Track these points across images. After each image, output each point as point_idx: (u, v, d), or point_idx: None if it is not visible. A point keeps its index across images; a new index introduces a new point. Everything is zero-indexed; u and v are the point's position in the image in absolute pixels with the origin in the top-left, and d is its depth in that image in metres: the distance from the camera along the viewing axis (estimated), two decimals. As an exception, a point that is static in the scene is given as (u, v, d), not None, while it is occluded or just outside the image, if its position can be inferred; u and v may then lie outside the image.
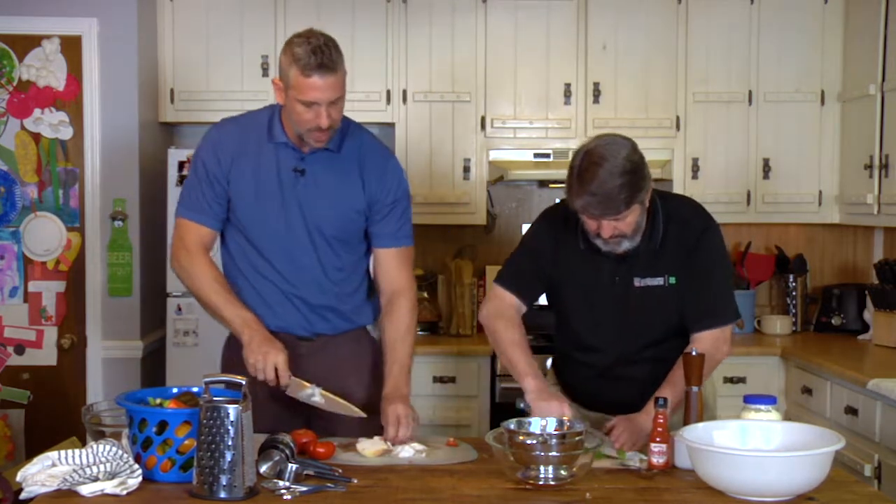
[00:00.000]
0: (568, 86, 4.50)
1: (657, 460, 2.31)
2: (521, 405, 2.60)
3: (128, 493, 2.09)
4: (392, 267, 2.76)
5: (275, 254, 2.69)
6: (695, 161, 4.53)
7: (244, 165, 2.67)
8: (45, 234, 4.19)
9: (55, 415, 4.17)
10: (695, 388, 2.38)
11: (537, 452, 2.21)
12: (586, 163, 2.44)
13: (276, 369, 2.54)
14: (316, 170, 2.67)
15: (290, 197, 2.66)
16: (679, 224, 2.61)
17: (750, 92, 4.52)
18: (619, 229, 2.49)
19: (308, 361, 2.72)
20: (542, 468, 2.19)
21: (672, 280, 2.60)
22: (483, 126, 4.51)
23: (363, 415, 2.58)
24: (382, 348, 2.75)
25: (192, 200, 2.69)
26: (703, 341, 2.57)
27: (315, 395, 2.57)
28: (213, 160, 2.67)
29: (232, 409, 2.06)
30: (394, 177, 2.75)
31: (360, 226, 2.75)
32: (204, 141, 2.73)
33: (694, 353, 2.39)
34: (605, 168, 2.41)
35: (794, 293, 4.70)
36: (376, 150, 2.77)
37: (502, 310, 2.74)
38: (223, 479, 2.06)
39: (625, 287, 2.61)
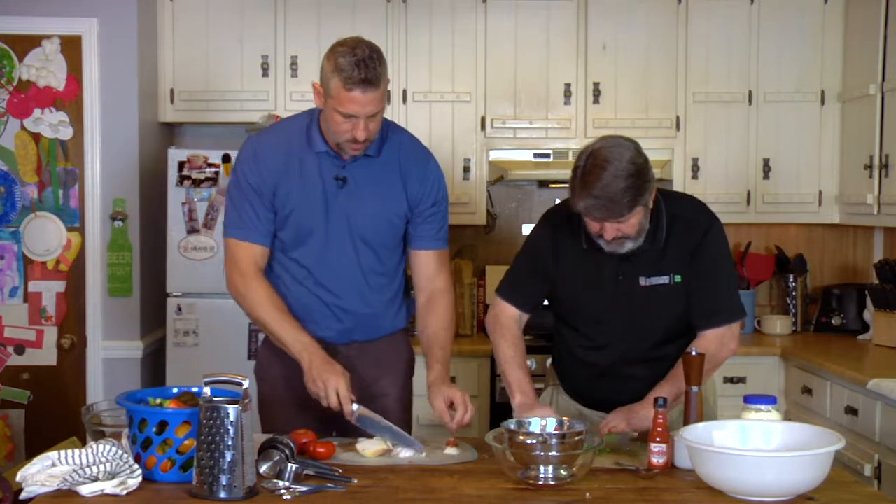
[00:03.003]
0: (568, 86, 4.50)
1: (657, 460, 2.31)
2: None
3: (128, 493, 2.09)
4: (432, 268, 2.76)
5: (319, 266, 2.67)
6: (695, 161, 4.53)
7: (288, 178, 2.63)
8: (45, 234, 4.19)
9: (55, 415, 4.17)
10: (695, 389, 2.38)
11: (537, 452, 2.21)
12: (590, 165, 2.44)
13: (338, 394, 2.51)
14: (358, 177, 2.64)
15: (334, 206, 2.64)
16: (683, 223, 2.62)
17: (750, 92, 4.53)
18: (622, 231, 2.49)
19: (344, 364, 2.71)
20: (541, 468, 2.19)
21: (677, 278, 2.60)
22: (483, 126, 4.51)
23: (421, 446, 2.49)
24: (422, 344, 2.74)
25: (241, 218, 2.64)
26: (710, 339, 2.59)
27: (380, 429, 2.54)
28: (256, 175, 2.62)
29: (232, 409, 2.07)
30: (434, 179, 2.74)
31: (402, 230, 2.74)
32: (244, 156, 2.67)
33: (694, 353, 2.39)
34: (609, 171, 2.41)
35: (794, 293, 4.70)
36: (416, 152, 2.74)
37: (501, 322, 2.77)
38: (223, 479, 2.06)
39: (629, 286, 2.61)
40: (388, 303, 2.76)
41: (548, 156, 4.50)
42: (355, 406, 2.51)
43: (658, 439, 2.31)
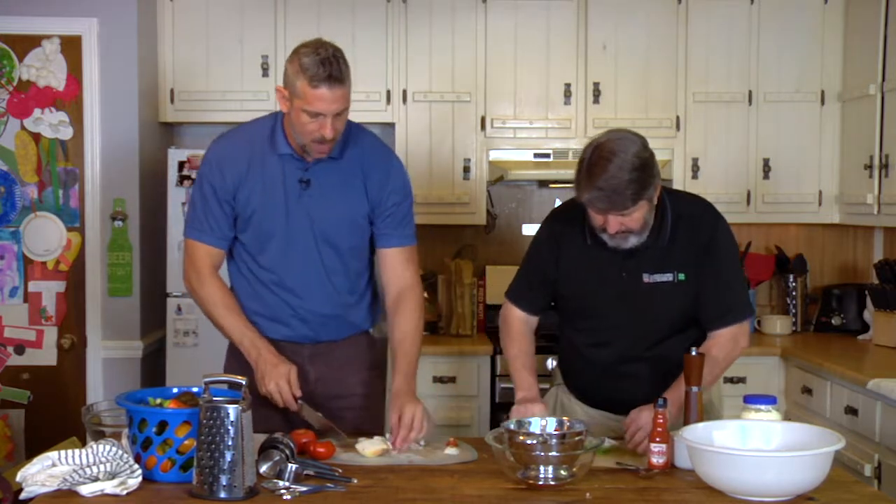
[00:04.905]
0: (568, 86, 4.50)
1: (657, 460, 2.32)
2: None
3: (128, 493, 2.09)
4: (398, 266, 2.76)
5: (283, 268, 2.69)
6: (695, 161, 4.53)
7: (250, 181, 2.65)
8: (45, 234, 4.19)
9: (55, 415, 4.17)
10: (695, 388, 2.38)
11: (537, 452, 2.21)
12: (596, 157, 2.45)
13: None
14: (321, 179, 2.66)
15: (296, 209, 2.65)
16: (689, 221, 2.62)
17: (750, 92, 4.53)
18: (625, 225, 2.50)
19: (311, 363, 2.74)
20: (542, 468, 2.19)
21: (681, 276, 2.60)
22: (483, 126, 4.51)
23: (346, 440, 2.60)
24: (390, 346, 2.75)
25: (198, 221, 2.69)
26: (723, 338, 2.60)
27: (320, 424, 2.64)
28: (219, 178, 2.65)
29: (232, 409, 2.07)
30: (397, 179, 2.74)
31: (367, 231, 2.74)
32: (207, 159, 2.70)
33: (694, 353, 2.40)
34: (615, 163, 2.42)
35: (794, 293, 4.70)
36: (378, 153, 2.75)
37: (508, 322, 2.81)
38: (223, 479, 2.06)
39: (633, 283, 2.62)
40: (355, 304, 2.77)
41: (548, 156, 4.50)
42: (300, 402, 2.62)
43: (658, 439, 2.31)
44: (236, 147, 2.68)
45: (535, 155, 4.51)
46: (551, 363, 4.10)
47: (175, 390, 2.35)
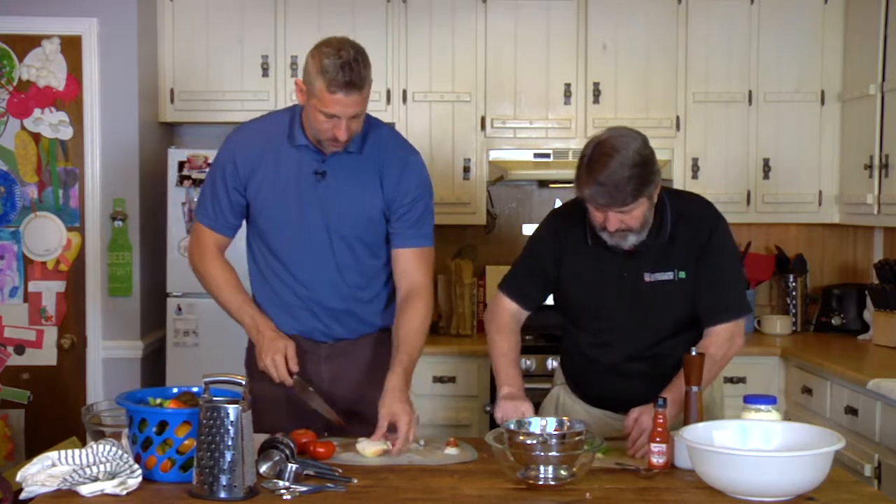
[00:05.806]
0: (568, 86, 4.51)
1: (657, 460, 2.32)
2: (487, 409, 2.64)
3: (128, 493, 2.09)
4: (410, 267, 2.72)
5: (293, 259, 2.69)
6: (695, 161, 4.53)
7: (264, 171, 2.66)
8: (45, 234, 4.19)
9: (55, 415, 4.17)
10: (695, 388, 2.38)
11: (537, 452, 2.21)
12: (597, 153, 2.46)
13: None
14: (337, 172, 2.65)
15: (310, 200, 2.65)
16: (689, 220, 2.63)
17: (750, 92, 4.53)
18: (625, 223, 2.50)
19: (328, 364, 2.74)
20: (542, 468, 2.19)
21: (682, 274, 2.61)
22: (483, 126, 4.51)
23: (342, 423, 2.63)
24: (394, 341, 2.70)
25: (207, 208, 2.73)
26: (719, 335, 2.60)
27: (315, 402, 2.64)
28: (231, 168, 2.67)
29: (232, 409, 2.07)
30: (413, 176, 2.71)
31: (384, 227, 2.72)
32: (223, 147, 2.72)
33: (694, 353, 2.40)
34: (616, 159, 2.43)
35: (794, 293, 4.70)
36: (397, 148, 2.73)
37: (498, 316, 2.79)
38: (223, 479, 2.06)
39: (634, 282, 2.62)
40: (368, 301, 2.76)
41: (548, 156, 4.50)
42: (295, 377, 2.63)
43: (658, 439, 2.32)
44: (251, 138, 2.70)
45: (535, 155, 4.51)
46: (552, 363, 4.11)
47: (175, 390, 2.35)
